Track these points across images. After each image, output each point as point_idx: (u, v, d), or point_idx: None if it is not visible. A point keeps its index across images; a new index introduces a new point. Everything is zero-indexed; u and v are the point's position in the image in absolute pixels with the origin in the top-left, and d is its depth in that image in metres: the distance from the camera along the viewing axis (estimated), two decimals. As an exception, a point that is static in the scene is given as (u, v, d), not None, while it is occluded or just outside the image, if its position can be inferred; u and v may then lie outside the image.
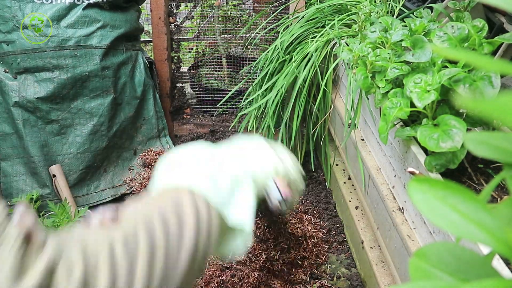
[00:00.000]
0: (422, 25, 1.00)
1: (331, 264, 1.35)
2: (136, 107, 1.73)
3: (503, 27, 1.16)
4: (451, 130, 0.74)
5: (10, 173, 1.55)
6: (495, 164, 0.89)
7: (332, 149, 1.69)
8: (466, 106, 0.23)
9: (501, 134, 0.33)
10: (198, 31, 2.07)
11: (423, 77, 0.83)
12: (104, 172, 1.67)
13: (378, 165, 1.13)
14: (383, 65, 0.97)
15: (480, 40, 0.87)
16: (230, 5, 2.06)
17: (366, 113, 1.21)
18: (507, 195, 0.80)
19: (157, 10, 1.82)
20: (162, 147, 1.81)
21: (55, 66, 1.54)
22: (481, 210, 0.29)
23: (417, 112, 0.89)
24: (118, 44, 1.66)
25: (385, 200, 1.01)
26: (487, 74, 0.78)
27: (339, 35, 1.42)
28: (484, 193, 0.37)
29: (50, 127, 1.56)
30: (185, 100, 1.99)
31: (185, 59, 2.06)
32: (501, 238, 0.28)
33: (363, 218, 1.32)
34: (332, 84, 1.52)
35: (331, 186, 1.65)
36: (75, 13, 1.57)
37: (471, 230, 0.29)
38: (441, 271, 0.31)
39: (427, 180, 0.31)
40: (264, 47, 1.87)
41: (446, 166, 0.79)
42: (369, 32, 1.10)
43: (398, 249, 0.96)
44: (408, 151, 0.90)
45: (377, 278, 1.09)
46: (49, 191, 1.56)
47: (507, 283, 0.25)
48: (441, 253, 0.31)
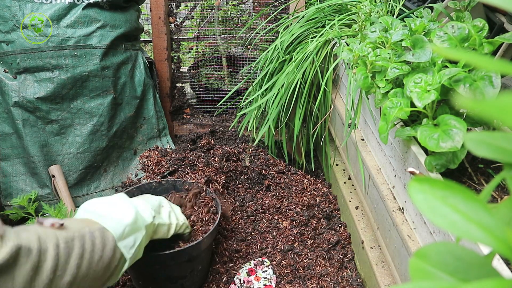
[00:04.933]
0: (422, 25, 1.00)
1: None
2: (136, 107, 1.73)
3: (503, 27, 1.16)
4: (451, 130, 0.74)
5: (10, 173, 1.55)
6: (495, 164, 0.89)
7: (332, 149, 1.69)
8: (466, 106, 0.23)
9: (501, 134, 0.32)
10: (198, 31, 2.07)
11: (423, 77, 0.83)
12: (104, 172, 1.67)
13: (378, 165, 1.13)
14: (383, 65, 0.97)
15: (480, 40, 0.86)
16: (230, 5, 2.05)
17: (366, 113, 1.21)
18: (507, 195, 0.80)
19: (157, 10, 1.82)
20: (162, 147, 1.81)
21: (54, 66, 1.54)
22: (481, 210, 0.29)
23: (417, 112, 0.89)
24: (118, 44, 1.66)
25: (385, 200, 1.01)
26: (487, 74, 0.78)
27: (339, 35, 1.42)
28: (484, 193, 0.37)
29: (50, 127, 1.56)
30: (185, 100, 1.99)
31: (185, 59, 2.06)
32: (501, 238, 0.28)
33: (363, 218, 1.32)
34: (332, 84, 1.52)
35: (331, 186, 1.65)
36: (75, 13, 1.57)
37: (471, 230, 0.29)
38: (441, 271, 0.30)
39: (427, 180, 0.31)
40: (264, 47, 1.87)
41: (446, 166, 0.79)
42: (369, 32, 1.10)
43: (398, 249, 0.96)
44: (408, 151, 0.90)
45: (377, 278, 1.09)
46: (49, 191, 1.56)
47: (507, 283, 0.25)
48: (441, 253, 0.31)
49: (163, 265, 1.14)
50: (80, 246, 0.78)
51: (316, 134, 1.60)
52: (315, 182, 1.65)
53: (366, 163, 1.16)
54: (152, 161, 1.63)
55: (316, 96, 1.58)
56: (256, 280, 1.25)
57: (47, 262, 0.72)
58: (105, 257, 0.83)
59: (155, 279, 1.17)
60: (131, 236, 0.91)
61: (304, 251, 1.35)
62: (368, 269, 1.19)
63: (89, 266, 0.79)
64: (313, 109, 1.62)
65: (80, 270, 0.77)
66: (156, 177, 1.53)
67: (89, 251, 0.80)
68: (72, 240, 0.78)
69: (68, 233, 0.79)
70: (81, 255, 0.78)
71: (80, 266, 0.77)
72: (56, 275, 0.73)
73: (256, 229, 1.45)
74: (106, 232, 0.86)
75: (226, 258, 1.33)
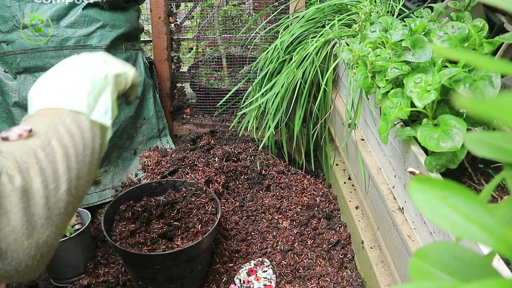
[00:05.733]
0: (422, 25, 1.00)
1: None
2: (136, 107, 1.73)
3: (503, 27, 1.16)
4: (451, 130, 0.74)
5: (10, 173, 1.55)
6: (495, 164, 0.89)
7: (332, 149, 1.69)
8: (466, 106, 0.23)
9: (501, 134, 0.32)
10: (198, 31, 2.07)
11: (423, 77, 0.83)
12: (104, 172, 1.67)
13: (378, 165, 1.13)
14: (383, 65, 0.97)
15: (480, 40, 0.86)
16: (230, 5, 2.05)
17: (366, 113, 1.21)
18: (507, 195, 0.80)
19: (157, 10, 1.82)
20: (162, 147, 1.81)
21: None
22: (481, 210, 0.29)
23: (417, 112, 0.89)
24: (118, 44, 1.66)
25: (385, 200, 1.01)
26: (487, 74, 0.78)
27: (339, 35, 1.42)
28: (484, 193, 0.37)
29: (50, 127, 1.56)
30: (185, 100, 1.99)
31: (185, 59, 2.06)
32: (501, 238, 0.28)
33: (363, 218, 1.32)
34: (332, 84, 1.52)
35: (331, 186, 1.65)
36: (75, 13, 1.57)
37: (471, 230, 0.29)
38: (441, 271, 0.30)
39: (427, 180, 0.31)
40: (264, 47, 1.87)
41: (446, 166, 0.79)
42: (369, 32, 1.10)
43: (398, 249, 0.96)
44: (408, 151, 0.90)
45: (377, 278, 1.09)
46: (49, 191, 1.56)
47: (507, 283, 0.25)
48: (441, 253, 0.31)
49: (163, 265, 1.14)
50: (61, 146, 0.67)
51: (316, 134, 1.60)
52: (315, 182, 1.65)
53: (366, 163, 1.16)
54: (152, 161, 1.63)
55: (316, 96, 1.58)
56: (256, 280, 1.25)
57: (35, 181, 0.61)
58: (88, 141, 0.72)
59: (155, 279, 1.17)
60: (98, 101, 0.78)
61: (304, 251, 1.35)
62: (368, 269, 1.19)
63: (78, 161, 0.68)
64: (313, 109, 1.62)
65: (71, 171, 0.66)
66: (156, 177, 1.53)
67: (72, 145, 0.68)
68: (49, 143, 0.66)
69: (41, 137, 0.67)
70: (66, 154, 0.67)
71: (70, 167, 0.67)
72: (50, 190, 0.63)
73: (256, 229, 1.45)
74: (76, 114, 0.73)
75: (226, 258, 1.33)
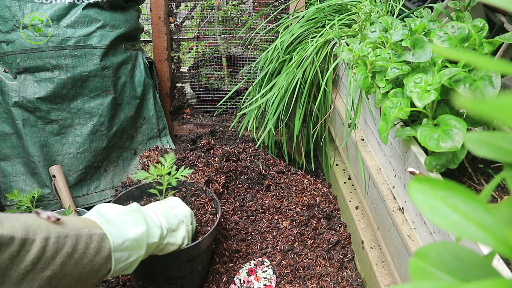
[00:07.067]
0: (422, 25, 1.00)
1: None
2: (136, 107, 1.73)
3: (503, 27, 1.16)
4: (451, 130, 0.74)
5: (10, 173, 1.55)
6: (495, 164, 0.89)
7: (332, 149, 1.69)
8: (466, 106, 0.23)
9: (501, 134, 0.32)
10: (198, 31, 2.07)
11: (423, 77, 0.83)
12: (104, 172, 1.67)
13: (378, 165, 1.13)
14: (383, 65, 0.97)
15: (480, 40, 0.86)
16: (230, 5, 2.05)
17: (366, 113, 1.21)
18: (507, 195, 0.80)
19: (157, 10, 1.82)
20: (163, 147, 1.81)
21: (54, 66, 1.54)
22: (481, 210, 0.29)
23: (417, 112, 0.89)
24: (118, 44, 1.66)
25: (385, 200, 1.01)
26: (487, 74, 0.78)
27: (339, 35, 1.42)
28: (484, 193, 0.37)
29: (50, 127, 1.56)
30: (185, 100, 1.99)
31: (185, 59, 2.06)
32: (501, 238, 0.28)
33: (363, 218, 1.32)
34: (332, 84, 1.52)
35: (331, 186, 1.65)
36: (75, 13, 1.57)
37: (471, 230, 0.29)
38: (441, 271, 0.30)
39: (427, 180, 0.31)
40: (264, 47, 1.87)
41: (446, 166, 0.79)
42: (369, 32, 1.10)
43: (398, 249, 0.96)
44: (408, 151, 0.90)
45: (377, 278, 1.09)
46: (49, 191, 1.56)
47: (507, 283, 0.25)
48: (441, 253, 0.31)
49: (163, 266, 1.14)
50: (72, 245, 0.77)
51: (316, 134, 1.60)
52: (315, 182, 1.65)
53: (366, 163, 1.16)
54: (152, 161, 1.63)
55: (316, 96, 1.58)
56: (256, 280, 1.25)
57: (30, 253, 0.71)
58: (96, 263, 0.81)
59: (155, 279, 1.17)
60: (127, 251, 0.88)
61: (304, 251, 1.35)
62: (368, 269, 1.19)
63: (75, 267, 0.78)
64: (313, 109, 1.62)
65: (64, 268, 0.75)
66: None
67: (80, 253, 0.78)
68: (65, 237, 0.76)
69: (63, 229, 0.77)
70: (70, 254, 0.76)
71: (66, 265, 0.76)
72: (36, 268, 0.72)
73: (256, 229, 1.45)
74: (105, 240, 0.84)
75: (226, 258, 1.33)
